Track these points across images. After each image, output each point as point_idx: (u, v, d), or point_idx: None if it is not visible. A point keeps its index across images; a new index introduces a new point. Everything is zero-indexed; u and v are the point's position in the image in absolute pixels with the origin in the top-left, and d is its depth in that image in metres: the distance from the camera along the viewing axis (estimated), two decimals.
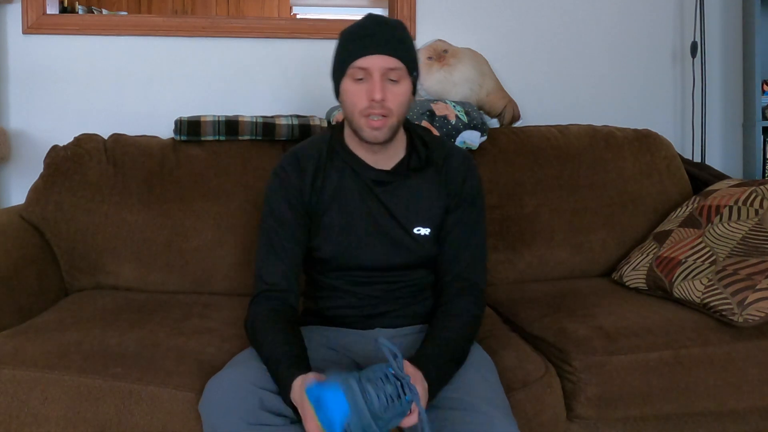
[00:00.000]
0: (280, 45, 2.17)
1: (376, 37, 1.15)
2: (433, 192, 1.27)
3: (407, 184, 1.26)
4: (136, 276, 1.69)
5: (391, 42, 1.15)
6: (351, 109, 1.19)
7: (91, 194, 1.71)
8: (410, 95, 1.21)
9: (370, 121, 1.16)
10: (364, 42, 1.15)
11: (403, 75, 1.17)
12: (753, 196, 1.63)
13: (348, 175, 1.26)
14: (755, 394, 1.39)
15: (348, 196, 1.26)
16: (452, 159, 1.29)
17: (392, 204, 1.26)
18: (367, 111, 1.16)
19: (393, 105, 1.16)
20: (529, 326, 1.49)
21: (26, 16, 2.04)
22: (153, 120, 2.07)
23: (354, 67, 1.16)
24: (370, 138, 1.18)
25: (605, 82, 2.34)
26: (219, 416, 1.02)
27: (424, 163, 1.27)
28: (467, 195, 1.28)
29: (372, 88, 1.14)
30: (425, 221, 1.26)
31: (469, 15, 2.26)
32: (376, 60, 1.14)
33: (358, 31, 1.18)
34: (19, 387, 1.19)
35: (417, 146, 1.28)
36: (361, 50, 1.15)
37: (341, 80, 1.19)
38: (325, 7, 2.46)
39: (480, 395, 1.08)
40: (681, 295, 1.52)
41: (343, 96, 1.20)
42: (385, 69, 1.15)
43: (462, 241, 1.27)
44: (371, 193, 1.26)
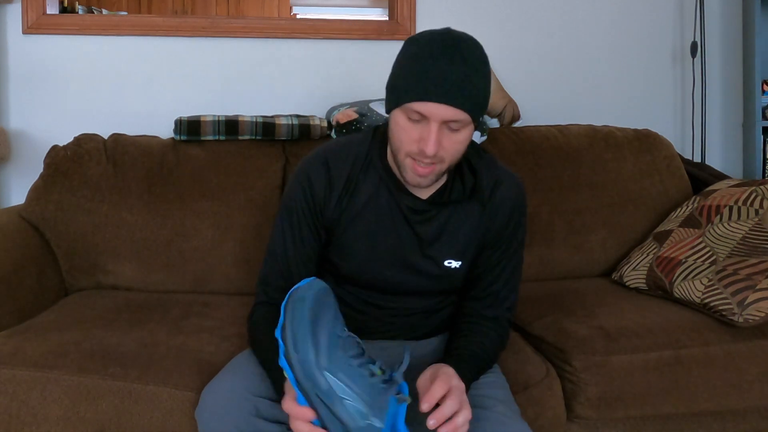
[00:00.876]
0: (280, 45, 2.17)
1: (444, 82, 0.96)
2: (473, 224, 1.15)
3: (446, 214, 1.14)
4: (136, 276, 1.69)
5: (461, 90, 0.96)
6: (398, 146, 1.04)
7: (91, 194, 1.71)
8: (469, 140, 1.04)
9: (417, 166, 1.02)
10: (429, 83, 0.96)
11: (467, 123, 1.00)
12: (753, 196, 1.63)
13: (383, 193, 1.13)
14: (755, 394, 1.38)
15: (378, 216, 1.13)
16: (500, 189, 1.15)
17: (425, 233, 1.14)
18: (415, 155, 1.01)
19: (447, 154, 1.02)
20: (529, 326, 1.49)
21: (26, 16, 2.04)
22: (153, 120, 2.08)
23: (410, 107, 0.98)
24: (412, 182, 1.05)
25: (605, 82, 2.34)
26: (215, 423, 1.01)
27: (468, 195, 1.13)
28: (514, 229, 1.17)
29: (426, 138, 0.98)
30: (458, 254, 1.15)
31: (469, 15, 2.25)
32: (438, 109, 0.96)
33: (425, 62, 0.97)
34: (19, 387, 1.19)
35: (463, 173, 1.13)
36: (423, 93, 0.96)
37: (394, 108, 1.02)
38: (325, 7, 2.46)
39: (492, 396, 1.08)
40: (681, 295, 1.52)
41: (392, 125, 1.04)
42: (447, 120, 0.98)
43: (500, 275, 1.17)
44: (404, 219, 1.13)
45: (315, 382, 0.84)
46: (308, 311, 0.87)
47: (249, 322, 1.19)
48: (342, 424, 0.83)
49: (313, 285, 0.92)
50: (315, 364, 0.84)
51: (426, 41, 1.00)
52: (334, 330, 0.88)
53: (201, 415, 1.05)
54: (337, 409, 0.83)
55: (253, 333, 1.16)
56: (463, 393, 0.95)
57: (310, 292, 0.90)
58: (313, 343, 0.85)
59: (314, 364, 0.84)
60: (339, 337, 0.88)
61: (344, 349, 0.88)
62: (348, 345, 0.89)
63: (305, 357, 0.84)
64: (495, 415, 1.03)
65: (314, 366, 0.84)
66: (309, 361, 0.84)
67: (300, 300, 0.88)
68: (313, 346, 0.85)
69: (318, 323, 0.87)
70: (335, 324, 0.89)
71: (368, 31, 2.19)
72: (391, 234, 1.14)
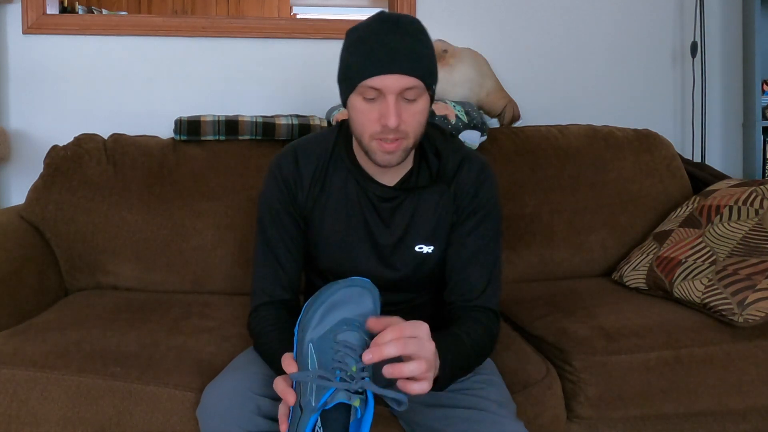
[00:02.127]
0: (280, 45, 2.17)
1: (391, 53, 0.99)
2: (441, 208, 1.16)
3: (413, 198, 1.16)
4: (136, 276, 1.69)
5: (409, 58, 1.00)
6: (360, 131, 1.06)
7: (91, 194, 1.71)
8: (428, 110, 1.07)
9: (383, 144, 1.04)
10: (377, 58, 0.99)
11: (421, 92, 1.03)
12: (753, 196, 1.63)
13: (351, 184, 1.16)
14: (755, 394, 1.38)
15: (349, 206, 1.16)
16: (464, 169, 1.16)
17: (394, 219, 1.16)
18: (379, 135, 1.03)
19: (409, 127, 1.03)
20: (530, 326, 1.49)
21: (26, 16, 2.04)
22: (153, 120, 2.08)
23: (365, 86, 1.01)
24: (382, 162, 1.06)
25: (605, 82, 2.34)
26: (216, 423, 1.01)
27: (434, 179, 1.15)
28: (478, 208, 1.16)
29: (386, 112, 1.00)
30: (428, 239, 1.16)
31: (469, 15, 2.26)
32: (391, 80, 0.99)
33: (369, 41, 1.01)
34: (19, 387, 1.19)
35: (428, 157, 1.16)
36: (373, 68, 0.99)
37: (349, 94, 1.05)
38: (325, 7, 2.46)
39: (488, 396, 1.07)
40: (681, 295, 1.52)
41: (351, 113, 1.06)
42: (402, 89, 1.00)
43: (470, 260, 1.15)
44: (373, 207, 1.16)
45: (302, 350, 0.92)
46: (335, 294, 0.93)
47: (251, 322, 1.17)
48: (299, 392, 0.89)
49: (358, 281, 0.96)
50: (308, 333, 0.91)
51: (365, 25, 1.05)
52: (349, 320, 0.92)
53: (202, 414, 1.05)
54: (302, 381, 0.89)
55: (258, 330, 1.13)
56: (419, 342, 0.88)
57: (345, 282, 0.94)
58: (320, 319, 0.92)
59: (307, 333, 0.91)
60: (347, 326, 0.91)
61: (343, 337, 0.90)
62: (350, 337, 0.91)
63: (307, 325, 0.92)
64: (490, 416, 1.02)
65: (307, 334, 0.91)
66: (306, 329, 0.92)
67: (336, 284, 0.95)
68: (317, 321, 0.92)
69: (337, 307, 0.92)
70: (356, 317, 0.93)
71: None
72: (361, 224, 1.16)
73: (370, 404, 0.88)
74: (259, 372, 1.07)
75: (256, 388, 1.03)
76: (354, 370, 0.88)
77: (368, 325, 0.91)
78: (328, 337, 0.90)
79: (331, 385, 0.86)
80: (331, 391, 0.86)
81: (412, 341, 0.87)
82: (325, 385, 0.86)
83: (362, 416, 0.88)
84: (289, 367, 0.91)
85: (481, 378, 1.12)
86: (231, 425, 1.00)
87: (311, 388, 0.87)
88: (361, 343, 0.91)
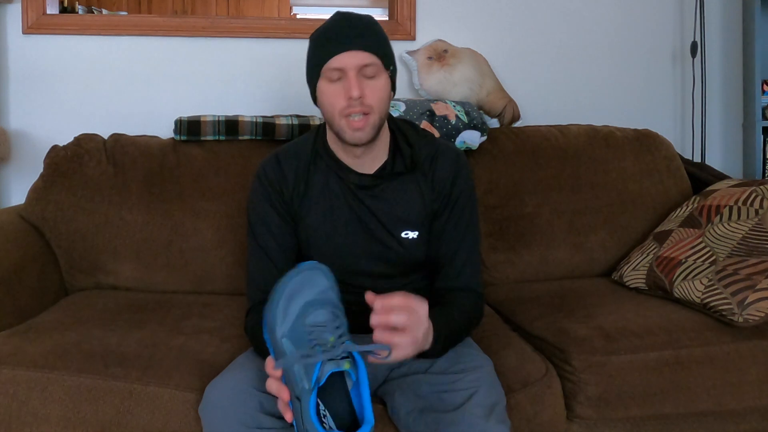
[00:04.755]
0: (280, 45, 2.17)
1: (347, 35, 1.12)
2: (420, 194, 1.23)
3: (393, 186, 1.23)
4: (136, 276, 1.69)
5: (362, 37, 1.12)
6: (330, 111, 1.14)
7: (91, 194, 1.71)
8: (390, 91, 1.17)
9: (351, 121, 1.12)
10: (335, 41, 1.12)
11: (380, 70, 1.14)
12: (753, 196, 1.63)
13: (333, 179, 1.23)
14: (755, 394, 1.38)
15: (333, 200, 1.22)
16: (440, 159, 1.24)
17: (377, 208, 1.22)
18: (346, 111, 1.12)
19: (373, 101, 1.12)
20: (529, 326, 1.49)
21: (26, 16, 2.04)
22: (153, 120, 2.07)
23: (328, 68, 1.12)
24: (352, 139, 1.14)
25: (605, 82, 2.34)
26: (219, 419, 1.02)
27: (409, 166, 1.23)
28: (456, 196, 1.24)
29: (349, 86, 1.10)
30: (413, 225, 1.22)
31: (469, 15, 2.25)
32: (349, 57, 1.11)
33: (327, 31, 1.15)
34: (19, 387, 1.19)
35: (401, 147, 1.23)
36: (333, 50, 1.11)
37: (317, 84, 1.16)
38: (325, 7, 2.46)
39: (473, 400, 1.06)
40: (681, 295, 1.52)
41: (320, 99, 1.17)
42: (360, 65, 1.11)
43: (453, 245, 1.23)
44: (356, 198, 1.22)
45: (278, 348, 0.94)
46: (288, 286, 0.96)
47: (248, 324, 1.19)
48: (291, 388, 0.91)
49: (305, 266, 0.99)
50: (278, 331, 0.94)
51: (323, 25, 1.17)
52: (312, 302, 0.95)
53: (205, 412, 1.05)
54: (288, 372, 0.92)
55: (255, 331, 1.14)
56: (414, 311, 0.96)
57: (296, 270, 0.98)
58: (283, 313, 0.94)
59: (277, 331, 0.94)
60: (311, 308, 0.94)
61: (311, 320, 0.93)
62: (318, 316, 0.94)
63: (273, 324, 0.95)
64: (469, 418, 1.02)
65: (277, 333, 0.94)
66: (275, 328, 0.94)
67: (285, 277, 0.97)
68: (281, 316, 0.94)
69: (295, 295, 0.95)
70: (317, 297, 0.95)
71: None
72: (347, 215, 1.22)
73: (360, 364, 0.92)
74: (261, 369, 1.07)
75: (258, 384, 1.04)
76: (332, 340, 0.92)
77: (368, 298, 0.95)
78: (297, 325, 0.93)
79: (316, 359, 0.89)
80: (318, 366, 0.89)
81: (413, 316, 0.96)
82: (310, 363, 0.89)
83: (357, 378, 0.93)
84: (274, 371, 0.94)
85: (470, 376, 1.11)
86: (233, 422, 1.00)
87: (299, 374, 0.90)
88: (330, 317, 0.94)
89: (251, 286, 1.22)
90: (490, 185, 1.86)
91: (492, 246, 1.81)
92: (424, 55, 2.08)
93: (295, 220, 1.23)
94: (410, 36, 2.20)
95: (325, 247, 1.22)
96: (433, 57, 2.07)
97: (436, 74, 2.06)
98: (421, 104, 1.88)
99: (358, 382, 0.93)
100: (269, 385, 0.95)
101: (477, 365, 1.15)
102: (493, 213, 1.83)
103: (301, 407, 0.89)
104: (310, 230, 1.22)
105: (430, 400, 1.08)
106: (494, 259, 1.80)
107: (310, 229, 1.22)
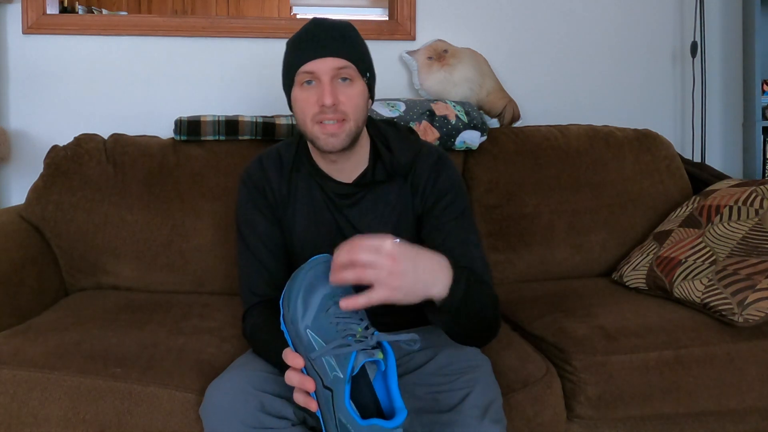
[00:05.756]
0: (280, 45, 2.14)
1: (321, 40, 1.10)
2: (401, 200, 1.20)
3: (373, 194, 1.20)
4: (136, 276, 1.69)
5: (337, 42, 1.10)
6: (303, 118, 1.12)
7: (91, 194, 1.71)
8: (367, 98, 1.14)
9: (325, 126, 1.09)
10: (309, 45, 1.10)
11: (355, 75, 1.11)
12: (753, 196, 1.63)
13: (313, 186, 1.21)
14: (755, 394, 1.39)
15: (316, 207, 1.21)
16: (420, 161, 1.21)
17: (357, 217, 1.19)
18: (319, 117, 1.09)
19: (348, 108, 1.09)
20: (530, 326, 1.49)
21: (26, 16, 2.04)
22: (153, 120, 2.07)
23: (301, 72, 1.10)
24: (326, 146, 1.11)
25: (605, 82, 2.34)
26: (220, 420, 1.02)
27: (390, 173, 1.19)
28: (441, 194, 1.19)
29: (322, 92, 1.08)
30: (394, 233, 1.13)
31: (469, 15, 2.25)
32: (323, 63, 1.08)
33: (302, 36, 1.12)
34: (19, 387, 1.19)
35: (381, 153, 1.20)
36: (307, 54, 1.09)
37: (291, 89, 1.13)
38: (325, 7, 2.46)
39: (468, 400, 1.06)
40: (681, 295, 1.52)
41: (294, 105, 1.14)
42: (334, 70, 1.09)
43: (452, 243, 1.16)
44: (336, 208, 1.20)
45: (300, 339, 0.93)
46: (306, 277, 0.96)
47: (246, 328, 1.19)
48: (319, 376, 0.91)
49: (319, 258, 0.99)
50: (301, 323, 0.93)
51: (298, 31, 1.14)
52: (331, 294, 0.95)
53: (206, 412, 1.05)
54: (316, 362, 0.91)
55: (254, 333, 1.16)
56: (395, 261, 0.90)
57: (311, 263, 0.98)
58: (303, 305, 0.94)
59: (300, 323, 0.93)
60: (332, 299, 0.95)
61: (334, 310, 0.94)
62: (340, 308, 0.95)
63: (294, 317, 0.94)
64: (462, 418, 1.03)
65: (300, 325, 0.93)
66: (296, 321, 0.94)
67: (300, 270, 0.97)
68: (302, 307, 0.94)
69: (314, 287, 0.95)
70: (336, 289, 0.96)
71: (368, 31, 2.18)
72: (329, 222, 1.20)
73: (389, 353, 0.93)
74: (262, 369, 1.08)
75: (259, 385, 1.04)
76: (360, 330, 0.92)
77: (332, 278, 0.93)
78: (321, 316, 0.93)
79: (352, 349, 0.89)
80: (353, 357, 0.89)
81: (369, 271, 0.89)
82: (345, 353, 0.89)
83: (386, 367, 0.93)
84: (295, 359, 0.92)
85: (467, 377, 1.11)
86: (234, 422, 1.00)
87: (330, 365, 0.90)
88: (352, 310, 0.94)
89: (244, 290, 1.22)
90: (490, 185, 1.86)
91: (492, 246, 1.81)
92: (424, 55, 2.08)
93: (281, 223, 1.22)
94: (410, 36, 2.20)
95: (308, 253, 1.17)
96: (433, 57, 2.07)
97: (436, 74, 2.06)
98: (421, 104, 1.88)
99: (386, 373, 0.94)
100: (289, 378, 0.93)
101: (473, 365, 1.14)
102: (493, 213, 1.83)
103: (333, 396, 0.89)
104: (294, 235, 1.22)
105: (425, 401, 1.08)
106: (494, 259, 1.80)
107: (294, 234, 1.22)
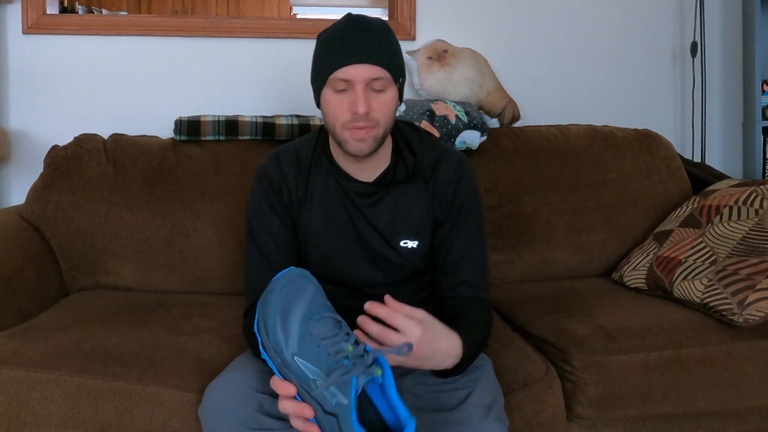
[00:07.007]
0: (280, 45, 2.17)
1: (358, 45, 1.06)
2: (422, 202, 1.20)
3: (393, 194, 1.19)
4: (136, 276, 1.69)
5: (374, 49, 1.06)
6: (333, 122, 1.11)
7: (91, 194, 1.71)
8: (397, 103, 1.13)
9: (355, 132, 1.08)
10: (345, 50, 1.06)
11: (389, 83, 1.09)
12: (753, 196, 1.63)
13: (332, 184, 1.20)
14: (755, 394, 1.39)
15: (333, 205, 1.20)
16: (442, 166, 1.20)
17: (376, 216, 1.19)
18: (350, 124, 1.08)
19: (379, 116, 1.09)
20: (529, 326, 1.49)
21: (26, 16, 2.04)
22: (153, 120, 2.07)
23: (334, 78, 1.07)
24: (354, 151, 1.10)
25: (605, 82, 2.34)
26: (219, 421, 1.02)
27: (411, 174, 1.19)
28: (459, 205, 1.20)
29: (355, 101, 1.06)
30: (412, 234, 1.19)
31: (469, 15, 2.25)
32: (359, 70, 1.05)
33: (337, 37, 1.08)
34: (19, 387, 1.19)
35: (403, 154, 1.20)
36: (342, 60, 1.06)
37: (321, 90, 1.11)
38: (325, 7, 2.46)
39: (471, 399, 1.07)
40: (681, 295, 1.52)
41: (324, 107, 1.12)
42: (369, 79, 1.06)
43: (458, 255, 1.19)
44: (354, 206, 1.19)
45: (290, 368, 0.89)
46: (278, 301, 0.91)
47: (246, 325, 1.18)
48: (318, 404, 0.87)
49: (285, 275, 0.95)
50: (286, 351, 0.89)
51: (333, 27, 1.11)
52: (308, 313, 0.91)
53: (204, 413, 1.05)
54: (312, 390, 0.87)
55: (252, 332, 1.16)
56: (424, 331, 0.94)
57: (280, 282, 0.94)
58: (283, 331, 0.90)
59: (285, 351, 0.89)
60: (311, 320, 0.91)
61: (317, 331, 0.90)
62: (322, 327, 0.91)
63: (277, 345, 0.89)
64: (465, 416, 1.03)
65: (285, 353, 0.89)
66: (280, 349, 0.89)
67: (269, 292, 0.93)
68: (283, 334, 0.89)
69: (289, 310, 0.91)
70: (310, 307, 0.92)
71: None
72: (346, 221, 1.19)
73: (385, 365, 0.89)
74: (260, 370, 1.07)
75: (257, 386, 1.04)
76: (351, 348, 0.89)
77: (367, 307, 0.93)
78: (305, 341, 0.89)
79: (353, 374, 0.86)
80: (355, 380, 0.86)
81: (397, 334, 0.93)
82: (346, 380, 0.86)
83: (384, 379, 0.90)
84: (287, 388, 0.89)
85: (471, 377, 1.11)
86: (233, 423, 1.00)
87: (331, 393, 0.86)
88: (335, 324, 0.91)
89: (249, 287, 1.21)
90: (490, 185, 1.86)
91: (492, 246, 1.81)
92: (424, 55, 2.08)
93: (294, 222, 1.21)
94: (410, 36, 2.20)
95: (324, 252, 1.20)
96: (433, 57, 2.07)
97: (436, 74, 2.06)
98: (421, 104, 1.88)
99: (384, 385, 0.91)
100: (284, 407, 0.89)
101: (475, 365, 1.14)
102: (493, 213, 1.83)
103: (339, 422, 0.85)
104: (309, 234, 1.20)
105: (427, 400, 1.08)
106: (494, 259, 1.80)
107: (309, 231, 1.20)
